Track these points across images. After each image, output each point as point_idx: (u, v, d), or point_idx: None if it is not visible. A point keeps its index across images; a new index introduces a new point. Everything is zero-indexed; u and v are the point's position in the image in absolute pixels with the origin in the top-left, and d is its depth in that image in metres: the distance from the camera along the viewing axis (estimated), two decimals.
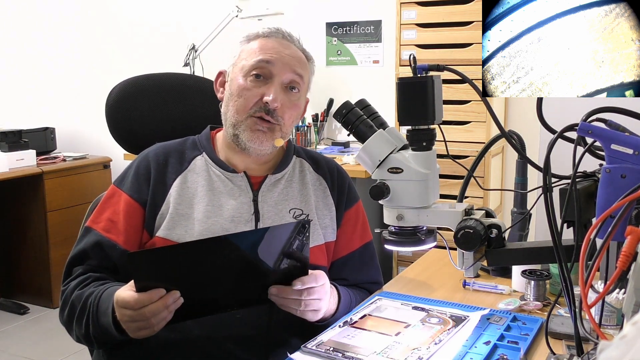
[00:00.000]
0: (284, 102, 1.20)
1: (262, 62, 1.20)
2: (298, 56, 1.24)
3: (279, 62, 1.20)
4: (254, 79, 1.20)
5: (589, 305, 0.71)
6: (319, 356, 1.04)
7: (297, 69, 1.22)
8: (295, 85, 1.23)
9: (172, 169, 1.25)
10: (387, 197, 0.97)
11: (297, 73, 1.22)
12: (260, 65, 1.20)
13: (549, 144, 0.83)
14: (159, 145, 1.30)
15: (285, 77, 1.21)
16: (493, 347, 1.04)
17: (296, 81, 1.22)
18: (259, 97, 1.19)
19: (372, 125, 1.02)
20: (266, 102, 1.18)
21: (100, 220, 1.22)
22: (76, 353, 2.72)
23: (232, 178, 1.25)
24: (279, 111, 1.20)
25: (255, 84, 1.20)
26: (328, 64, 3.40)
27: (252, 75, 1.21)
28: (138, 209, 1.21)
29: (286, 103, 1.21)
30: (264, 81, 1.20)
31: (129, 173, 1.25)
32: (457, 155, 2.54)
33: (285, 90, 1.21)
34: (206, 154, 1.27)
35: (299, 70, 1.22)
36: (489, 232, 0.94)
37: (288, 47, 1.24)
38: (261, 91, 1.19)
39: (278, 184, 1.27)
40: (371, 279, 1.39)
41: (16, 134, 3.31)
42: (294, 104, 1.23)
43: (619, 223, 0.72)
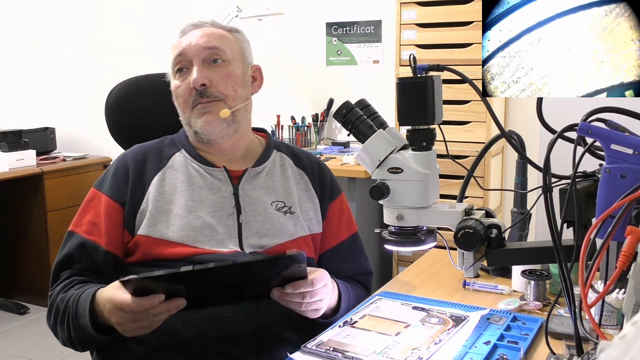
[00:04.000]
0: (210, 76, 1.22)
1: (177, 58, 1.24)
2: (209, 32, 1.26)
3: (189, 47, 1.23)
4: (180, 74, 1.25)
5: (589, 305, 0.71)
6: (319, 356, 1.04)
7: (209, 43, 1.24)
8: (217, 57, 1.23)
9: (150, 167, 1.25)
10: (387, 197, 0.97)
11: (211, 46, 1.23)
12: (178, 60, 1.24)
13: (549, 144, 0.83)
14: (137, 146, 1.31)
15: (202, 56, 1.23)
16: (493, 347, 1.04)
17: (215, 53, 1.23)
18: (190, 86, 1.22)
19: (372, 125, 1.02)
20: (192, 86, 1.21)
21: (82, 223, 1.23)
22: (76, 353, 2.72)
23: (212, 172, 1.25)
24: (211, 87, 1.22)
25: (182, 78, 1.24)
26: (328, 64, 3.39)
27: (177, 73, 1.25)
28: (118, 209, 1.21)
29: (213, 76, 1.22)
30: (187, 72, 1.23)
31: (108, 175, 1.26)
32: (457, 155, 2.54)
33: (209, 66, 1.23)
34: (185, 151, 1.28)
35: (212, 43, 1.24)
36: (489, 232, 0.94)
37: (199, 31, 1.26)
38: (189, 81, 1.22)
39: (258, 177, 1.28)
40: (362, 270, 1.39)
41: (16, 134, 3.31)
42: (224, 73, 1.24)
43: (619, 223, 0.72)
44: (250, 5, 3.42)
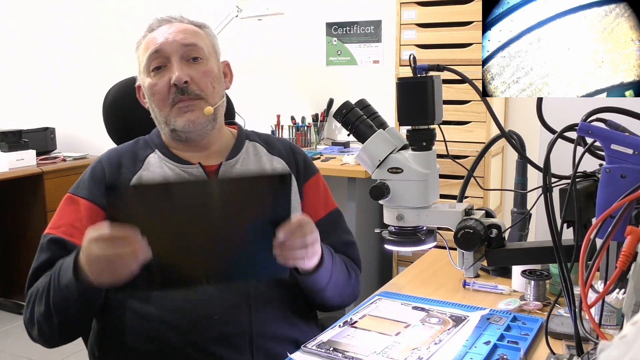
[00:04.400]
0: (192, 74, 1.20)
1: (154, 55, 1.20)
2: (184, 28, 1.24)
3: (167, 44, 1.20)
4: (156, 72, 1.21)
5: (589, 305, 0.71)
6: (319, 356, 1.04)
7: (187, 40, 1.21)
8: (196, 55, 1.22)
9: (126, 170, 1.23)
10: (387, 197, 0.97)
11: (189, 43, 1.21)
12: (153, 57, 1.21)
13: (549, 144, 0.83)
14: (111, 149, 1.30)
15: (180, 53, 1.20)
16: (493, 347, 1.04)
17: (193, 50, 1.22)
18: (168, 84, 1.19)
19: (372, 125, 1.02)
20: (174, 83, 1.18)
21: (60, 225, 1.19)
22: (76, 353, 2.72)
23: (188, 170, 1.24)
24: (192, 85, 1.19)
25: (160, 75, 1.21)
26: (328, 64, 3.39)
27: (152, 71, 1.21)
28: (99, 212, 1.19)
29: (195, 74, 1.20)
30: (165, 69, 1.21)
31: (84, 179, 1.24)
32: (457, 155, 2.54)
33: (188, 63, 1.21)
34: (159, 151, 1.26)
35: (190, 40, 1.22)
36: (489, 232, 0.94)
37: (171, 26, 1.24)
38: (167, 78, 1.19)
39: (234, 169, 1.27)
40: (343, 240, 1.36)
41: (16, 134, 3.31)
42: (204, 71, 1.22)
43: (619, 223, 0.72)
44: (250, 5, 3.42)
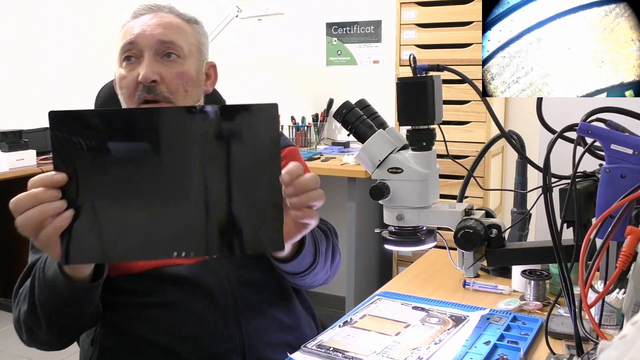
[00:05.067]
0: (163, 73, 1.09)
1: (127, 45, 1.10)
2: (166, 22, 1.13)
3: (142, 37, 1.10)
4: (127, 63, 1.11)
5: (589, 305, 0.71)
6: (319, 356, 1.04)
7: (165, 36, 1.11)
8: (171, 51, 1.11)
9: None
10: (387, 197, 0.97)
11: (166, 40, 1.10)
12: (127, 48, 1.11)
13: (549, 144, 0.83)
14: None
15: (154, 48, 1.10)
16: (493, 347, 1.04)
17: (168, 47, 1.10)
18: (137, 79, 1.08)
19: (372, 125, 1.02)
20: (140, 81, 1.07)
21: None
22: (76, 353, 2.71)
23: None
24: (161, 86, 1.09)
25: (130, 68, 1.10)
26: (328, 64, 3.39)
27: (124, 61, 1.12)
28: None
29: (166, 73, 1.09)
30: (137, 62, 1.10)
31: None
32: (457, 155, 2.54)
33: (162, 60, 1.10)
34: None
35: (168, 37, 1.11)
36: (489, 232, 0.94)
37: (154, 17, 1.14)
38: (136, 72, 1.09)
39: None
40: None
41: (16, 134, 3.31)
42: (177, 71, 1.11)
43: (619, 223, 0.72)
44: (250, 5, 3.42)
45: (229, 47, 3.56)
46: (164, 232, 0.80)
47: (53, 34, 4.12)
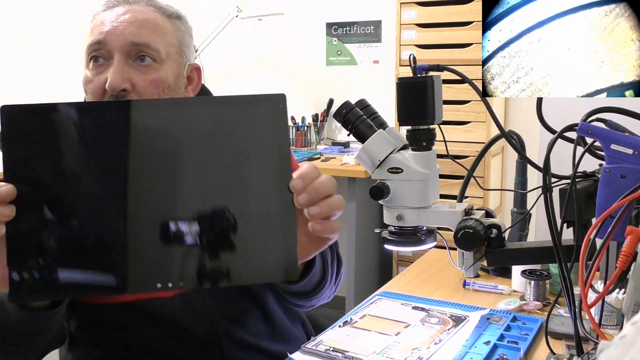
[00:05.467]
0: (135, 80, 0.93)
1: (94, 45, 0.95)
2: (141, 19, 0.96)
3: (112, 35, 0.93)
4: (94, 64, 0.96)
5: (589, 305, 0.71)
6: (319, 356, 1.04)
7: (139, 37, 0.94)
8: (144, 55, 0.95)
9: None
10: (387, 197, 0.97)
11: (140, 42, 0.94)
12: (94, 47, 0.95)
13: (549, 144, 0.83)
14: None
15: (125, 50, 0.94)
16: (493, 347, 1.04)
17: (142, 50, 0.94)
18: (104, 84, 0.94)
19: (372, 125, 1.02)
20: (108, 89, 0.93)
21: None
22: None
23: None
24: (133, 94, 0.94)
25: (97, 71, 0.95)
26: (328, 64, 3.39)
27: (90, 61, 0.96)
28: None
29: (139, 80, 0.94)
30: (105, 64, 0.95)
31: None
32: (457, 155, 2.54)
33: (134, 65, 0.95)
34: None
35: (142, 38, 0.94)
36: (489, 232, 0.94)
37: (127, 12, 0.96)
38: (104, 77, 0.94)
39: None
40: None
41: None
42: (152, 79, 0.95)
43: (619, 223, 0.72)
44: (250, 5, 3.42)
45: (229, 47, 3.56)
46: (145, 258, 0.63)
47: (53, 34, 4.12)
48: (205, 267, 0.63)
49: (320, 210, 0.67)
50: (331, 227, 0.69)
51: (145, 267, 0.63)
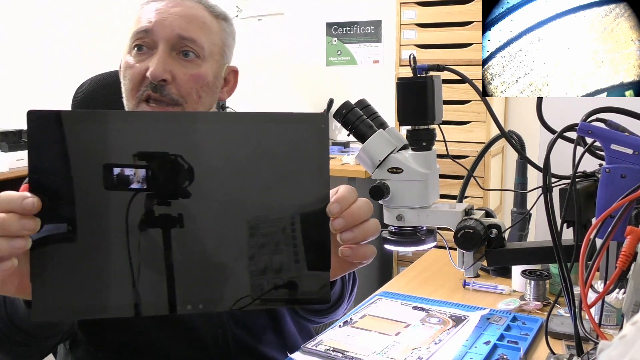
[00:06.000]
0: (175, 70, 0.95)
1: (141, 33, 0.96)
2: (190, 14, 0.98)
3: (159, 26, 0.95)
4: (137, 52, 0.96)
5: (589, 305, 0.71)
6: (319, 356, 1.04)
7: (186, 31, 0.96)
8: (188, 50, 0.96)
9: None
10: (387, 197, 0.97)
11: (186, 37, 0.96)
12: (139, 36, 0.96)
13: (549, 144, 0.83)
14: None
15: (171, 42, 0.95)
16: (493, 347, 1.04)
17: (187, 44, 0.96)
18: (144, 72, 0.94)
19: (372, 125, 1.02)
20: (149, 77, 0.94)
21: None
22: None
23: None
24: (171, 86, 0.95)
25: (139, 58, 0.96)
26: (328, 64, 3.39)
27: (134, 49, 0.97)
28: None
29: (180, 74, 0.95)
30: (148, 53, 0.96)
31: None
32: (457, 155, 2.54)
33: (177, 57, 0.96)
34: None
35: (190, 33, 0.96)
36: (489, 232, 0.94)
37: (178, 5, 0.98)
38: (145, 65, 0.95)
39: None
40: None
41: (16, 134, 3.31)
42: (194, 74, 0.96)
43: (619, 223, 0.72)
44: (250, 5, 3.42)
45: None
46: (178, 279, 0.60)
47: (53, 34, 4.12)
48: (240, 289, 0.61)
49: (354, 236, 0.67)
50: (363, 253, 0.68)
51: (178, 288, 0.60)
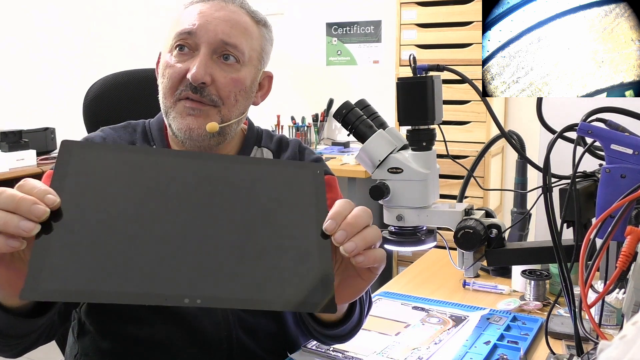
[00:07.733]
0: (215, 74, 0.97)
1: (184, 34, 0.97)
2: (233, 19, 0.99)
3: (203, 29, 0.96)
4: (178, 52, 0.98)
5: (589, 305, 0.71)
6: (319, 356, 1.04)
7: (229, 37, 0.98)
8: (229, 54, 0.98)
9: None
10: (387, 197, 0.97)
11: (229, 42, 0.97)
12: (182, 37, 0.97)
13: (549, 144, 0.83)
14: (107, 131, 1.07)
15: (213, 46, 0.97)
16: (493, 347, 1.04)
17: (229, 49, 0.98)
18: (184, 73, 0.96)
19: (372, 125, 1.02)
20: (189, 78, 0.95)
21: None
22: None
23: None
24: (211, 87, 0.96)
25: (180, 59, 0.98)
26: (328, 64, 3.40)
27: (175, 49, 0.98)
28: None
29: (219, 75, 0.97)
30: (189, 54, 0.98)
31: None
32: (457, 155, 2.54)
33: (218, 61, 0.98)
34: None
35: (232, 39, 0.98)
36: (489, 232, 0.94)
37: (222, 9, 1.00)
38: (186, 66, 0.97)
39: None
40: None
41: (16, 134, 3.31)
42: (232, 77, 0.98)
43: (619, 223, 0.72)
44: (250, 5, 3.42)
45: None
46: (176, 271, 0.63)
47: (53, 35, 4.12)
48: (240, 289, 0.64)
49: (355, 244, 0.69)
50: (374, 256, 0.71)
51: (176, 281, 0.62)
